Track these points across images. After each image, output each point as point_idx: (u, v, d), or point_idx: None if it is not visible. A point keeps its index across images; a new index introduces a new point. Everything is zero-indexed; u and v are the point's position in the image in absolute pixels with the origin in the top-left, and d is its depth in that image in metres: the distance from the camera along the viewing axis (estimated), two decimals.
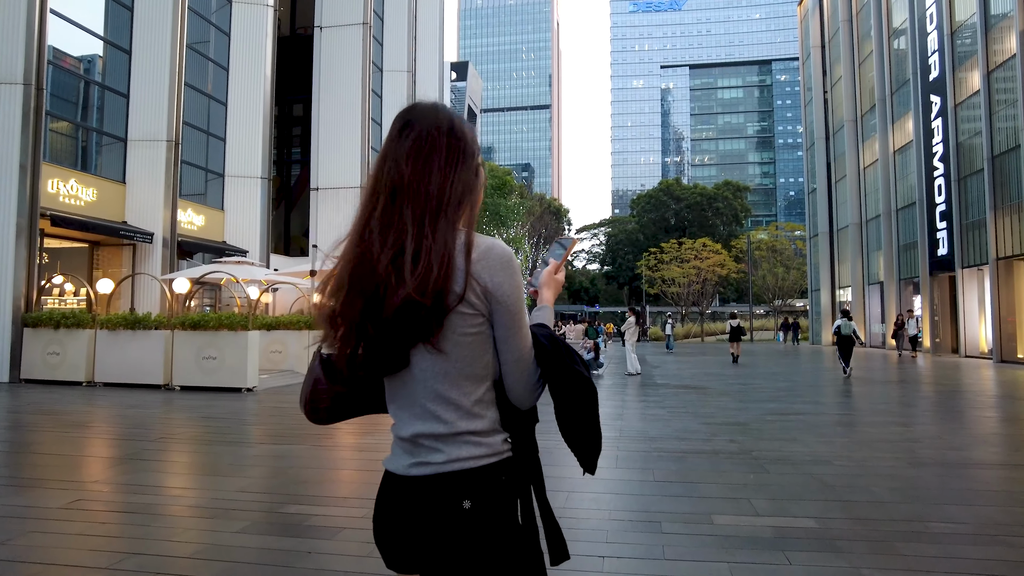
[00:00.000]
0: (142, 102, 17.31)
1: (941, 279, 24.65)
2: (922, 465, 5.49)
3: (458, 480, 1.16)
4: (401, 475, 1.21)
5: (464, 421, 1.18)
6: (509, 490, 1.19)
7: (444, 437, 1.18)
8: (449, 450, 1.17)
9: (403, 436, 1.22)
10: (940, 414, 9.09)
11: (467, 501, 1.14)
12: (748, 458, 5.77)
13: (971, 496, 4.54)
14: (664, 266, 51.35)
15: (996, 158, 20.01)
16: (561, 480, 4.80)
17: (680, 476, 5.13)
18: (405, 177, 1.16)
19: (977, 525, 3.80)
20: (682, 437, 6.90)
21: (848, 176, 33.29)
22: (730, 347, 21.96)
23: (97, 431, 7.53)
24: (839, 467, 5.41)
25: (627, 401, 10.41)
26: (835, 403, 10.51)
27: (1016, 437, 7.23)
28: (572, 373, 1.29)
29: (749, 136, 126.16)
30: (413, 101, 1.26)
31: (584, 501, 4.39)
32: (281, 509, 4.19)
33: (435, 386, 1.18)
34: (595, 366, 16.27)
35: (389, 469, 1.24)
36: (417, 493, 1.18)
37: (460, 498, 1.15)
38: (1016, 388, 12.35)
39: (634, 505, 4.34)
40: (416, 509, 1.18)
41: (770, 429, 7.47)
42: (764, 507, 4.19)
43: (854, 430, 7.60)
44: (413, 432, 1.20)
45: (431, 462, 1.17)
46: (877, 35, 29.79)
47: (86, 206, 15.72)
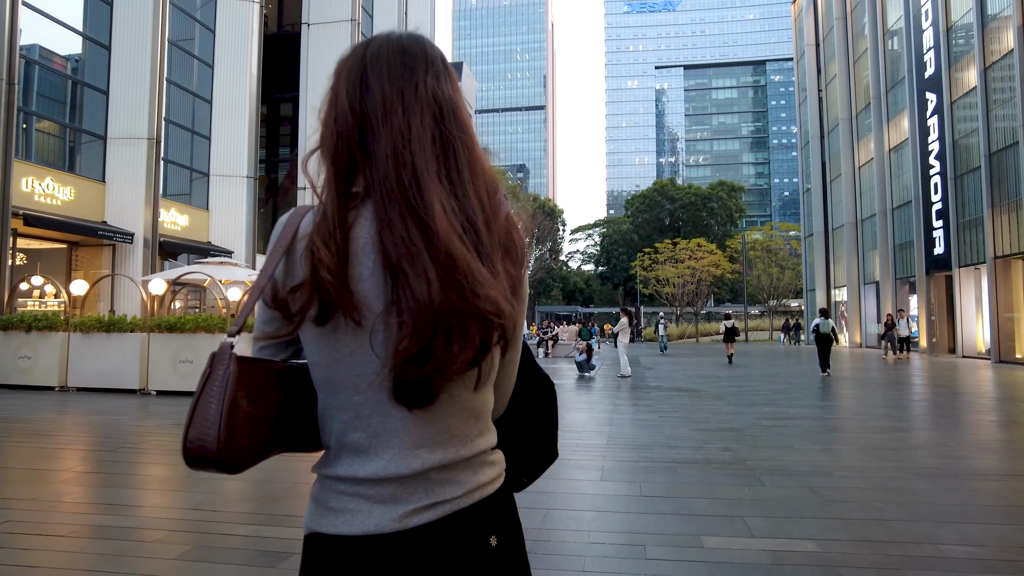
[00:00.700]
0: (122, 99, 16.88)
1: (937, 278, 24.39)
2: (928, 476, 5.13)
3: (481, 513, 0.93)
4: (386, 534, 0.87)
5: (483, 436, 0.96)
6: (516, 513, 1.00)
7: (462, 463, 0.93)
8: (466, 478, 0.93)
9: (389, 476, 0.89)
10: (942, 418, 8.76)
11: (494, 537, 0.93)
12: (742, 468, 5.41)
13: (985, 513, 4.18)
14: (659, 266, 51.04)
15: (993, 155, 19.75)
16: (540, 496, 4.43)
17: (669, 490, 4.76)
18: None
19: (995, 548, 3.44)
20: (673, 445, 6.54)
21: (843, 175, 33.04)
22: (725, 348, 21.72)
23: (56, 441, 7.11)
24: (839, 479, 5.05)
25: (618, 405, 10.04)
26: (832, 406, 10.17)
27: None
28: (537, 371, 1.13)
29: (743, 136, 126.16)
30: None
31: (563, 521, 4.02)
32: (230, 531, 3.80)
33: (463, 395, 0.92)
34: (587, 368, 15.91)
35: (349, 533, 0.89)
36: (422, 549, 0.88)
37: (486, 535, 0.92)
38: (1019, 390, 12.04)
39: (618, 525, 3.97)
40: (423, 571, 0.88)
41: (765, 436, 7.11)
42: (759, 526, 3.82)
43: (853, 436, 7.25)
44: (419, 466, 0.90)
45: (446, 499, 0.90)
46: (872, 33, 29.54)
47: (63, 205, 15.29)
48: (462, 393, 0.91)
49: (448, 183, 0.91)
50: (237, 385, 0.86)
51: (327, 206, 0.90)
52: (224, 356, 0.87)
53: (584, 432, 7.44)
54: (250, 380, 0.88)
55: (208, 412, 0.85)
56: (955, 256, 22.15)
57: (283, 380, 0.94)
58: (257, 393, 0.89)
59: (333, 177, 0.92)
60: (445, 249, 0.85)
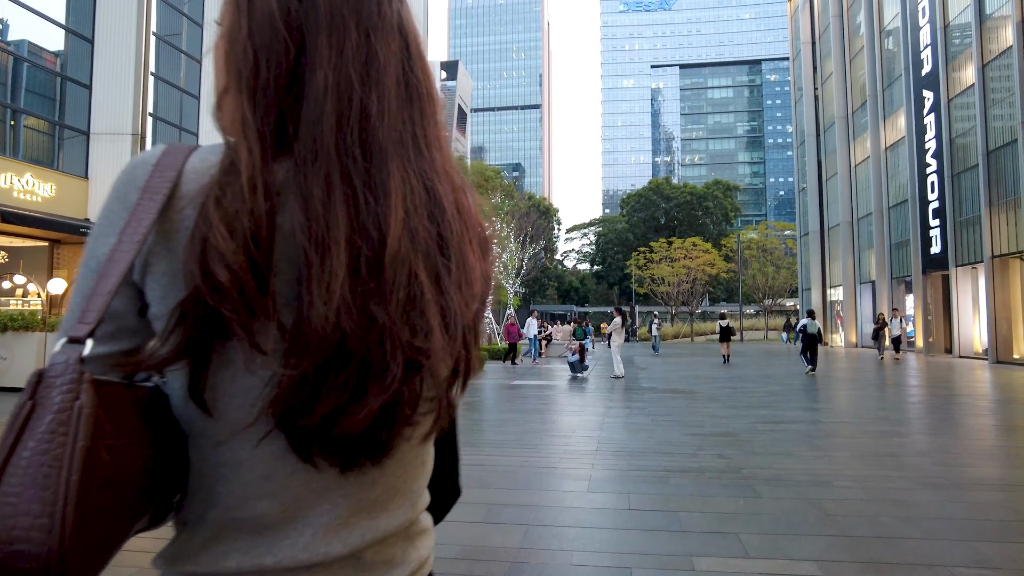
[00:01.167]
0: (106, 94, 16.52)
1: (934, 278, 24.18)
2: (933, 486, 4.86)
3: None
4: None
5: (425, 495, 0.71)
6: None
7: (401, 533, 0.66)
8: (406, 554, 0.66)
9: (311, 562, 0.59)
10: (943, 422, 8.50)
11: None
12: (738, 478, 5.13)
13: (996, 529, 3.90)
14: (654, 265, 50.90)
15: (991, 153, 19.54)
16: (522, 511, 4.14)
17: (660, 502, 4.47)
18: None
19: (1013, 570, 3.16)
20: (665, 451, 6.26)
21: (839, 173, 32.84)
22: (721, 347, 21.54)
23: None
24: (841, 490, 4.77)
25: (610, 408, 9.76)
26: (829, 409, 9.91)
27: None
28: None
29: (739, 136, 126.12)
30: None
31: (545, 538, 3.72)
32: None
33: (413, 446, 0.66)
34: (580, 369, 15.62)
35: None
36: None
37: None
38: (1019, 391, 11.80)
39: (603, 544, 3.68)
40: None
41: (762, 441, 6.84)
42: (755, 545, 3.54)
43: (852, 442, 6.97)
44: (356, 542, 0.61)
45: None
46: (868, 30, 29.34)
47: (44, 202, 14.93)
48: (417, 429, 0.63)
49: (413, 149, 0.60)
50: (93, 432, 0.50)
51: (240, 153, 0.56)
52: (65, 380, 0.51)
53: (573, 437, 7.15)
54: (110, 421, 0.52)
55: (30, 486, 0.47)
56: (952, 255, 21.94)
57: (148, 418, 0.58)
58: (120, 443, 0.53)
59: (251, 111, 0.57)
60: (393, 256, 0.56)
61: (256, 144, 0.56)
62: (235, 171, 0.55)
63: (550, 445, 6.75)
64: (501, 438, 7.22)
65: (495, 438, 7.25)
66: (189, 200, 0.57)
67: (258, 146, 0.56)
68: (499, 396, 11.71)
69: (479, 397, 11.47)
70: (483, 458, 5.94)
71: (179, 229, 0.56)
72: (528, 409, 9.71)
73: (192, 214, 0.56)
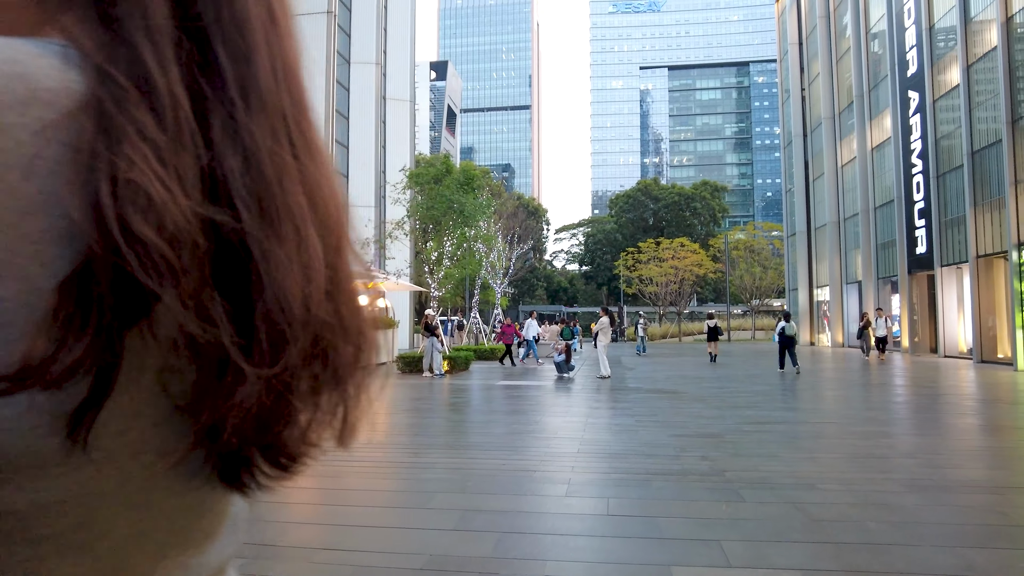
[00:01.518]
0: None
1: (920, 278, 24.27)
2: (920, 489, 4.74)
3: None
4: None
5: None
6: None
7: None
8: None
9: None
10: (928, 423, 8.41)
11: None
12: (721, 481, 4.98)
13: (985, 534, 3.78)
14: (642, 266, 50.92)
15: (976, 154, 19.60)
16: (496, 517, 3.96)
17: (640, 508, 4.32)
18: None
19: None
20: (648, 453, 6.11)
21: (826, 174, 32.95)
22: (708, 347, 21.57)
23: None
24: (826, 493, 4.64)
25: (594, 408, 9.60)
26: (815, 409, 9.81)
27: (1021, 450, 6.55)
28: None
29: (727, 137, 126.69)
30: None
31: (518, 547, 3.55)
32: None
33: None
34: (566, 369, 15.48)
35: None
36: None
37: None
38: (1003, 391, 11.78)
39: (579, 552, 3.51)
40: None
41: (747, 442, 6.71)
42: (737, 553, 3.39)
43: (838, 443, 6.86)
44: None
45: None
46: (854, 31, 29.44)
47: None
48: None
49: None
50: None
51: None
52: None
53: (555, 439, 6.99)
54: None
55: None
56: (937, 255, 22.01)
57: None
58: None
59: None
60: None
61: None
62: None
63: (531, 447, 6.59)
64: (481, 440, 7.04)
65: (475, 440, 7.08)
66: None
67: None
68: (483, 397, 11.54)
69: (463, 398, 11.29)
70: (462, 461, 5.77)
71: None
72: (511, 410, 9.54)
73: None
